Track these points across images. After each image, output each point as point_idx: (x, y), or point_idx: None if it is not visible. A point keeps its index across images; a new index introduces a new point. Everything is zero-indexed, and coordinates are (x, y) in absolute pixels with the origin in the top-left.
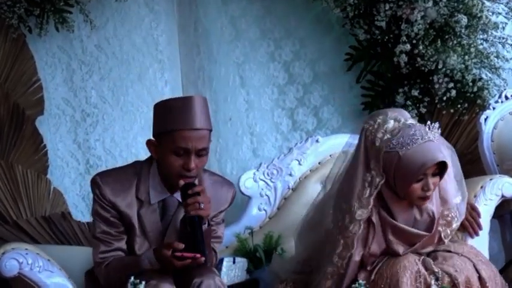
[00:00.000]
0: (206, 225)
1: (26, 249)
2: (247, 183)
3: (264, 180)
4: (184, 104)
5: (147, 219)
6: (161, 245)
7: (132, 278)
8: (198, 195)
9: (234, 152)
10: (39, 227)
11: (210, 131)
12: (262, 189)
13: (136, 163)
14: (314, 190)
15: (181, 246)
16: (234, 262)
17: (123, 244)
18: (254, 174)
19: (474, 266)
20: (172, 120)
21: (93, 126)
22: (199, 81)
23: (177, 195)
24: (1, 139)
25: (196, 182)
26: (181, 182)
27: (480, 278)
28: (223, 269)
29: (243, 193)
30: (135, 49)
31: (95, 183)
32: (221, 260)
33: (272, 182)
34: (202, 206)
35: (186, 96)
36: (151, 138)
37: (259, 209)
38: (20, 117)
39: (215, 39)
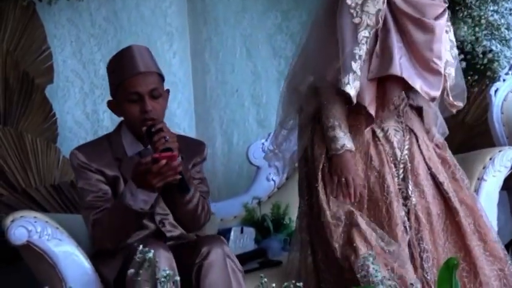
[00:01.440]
0: (180, 160)
1: (35, 217)
2: (256, 153)
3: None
4: (124, 55)
5: (129, 172)
6: (134, 164)
7: (141, 246)
8: (162, 131)
9: (241, 123)
10: (48, 195)
11: (160, 76)
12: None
13: (106, 134)
14: None
15: (150, 155)
16: (242, 232)
17: (111, 204)
18: (263, 144)
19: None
20: (118, 73)
21: (101, 98)
22: (206, 52)
23: None
24: (11, 107)
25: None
26: (144, 128)
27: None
28: (231, 238)
29: (251, 163)
30: (143, 21)
31: (72, 155)
32: (229, 230)
33: (280, 151)
34: (167, 138)
35: (125, 47)
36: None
37: (268, 179)
38: (29, 85)
39: (222, 11)
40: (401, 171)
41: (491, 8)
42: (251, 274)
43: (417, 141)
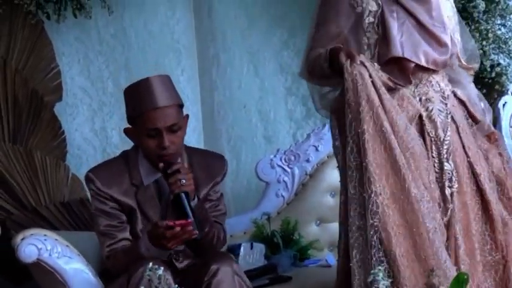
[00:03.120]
0: (196, 200)
1: (45, 235)
2: (265, 169)
3: (281, 166)
4: (143, 87)
5: (145, 202)
6: (149, 225)
7: (150, 264)
8: (178, 172)
9: (249, 139)
10: (57, 213)
11: (179, 105)
12: (280, 175)
13: (124, 152)
14: (331, 176)
15: (165, 222)
16: (251, 247)
17: (127, 234)
18: (271, 160)
19: None
20: (137, 105)
21: (109, 115)
22: (213, 68)
23: None
24: (20, 125)
25: (179, 160)
26: (161, 165)
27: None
28: (241, 254)
29: (260, 179)
30: (151, 38)
31: (88, 179)
32: (239, 246)
33: (289, 168)
34: (183, 182)
35: (143, 79)
36: (128, 126)
37: (277, 195)
38: (38, 103)
39: (229, 28)
40: (444, 151)
41: (499, 22)
42: None
43: (457, 128)
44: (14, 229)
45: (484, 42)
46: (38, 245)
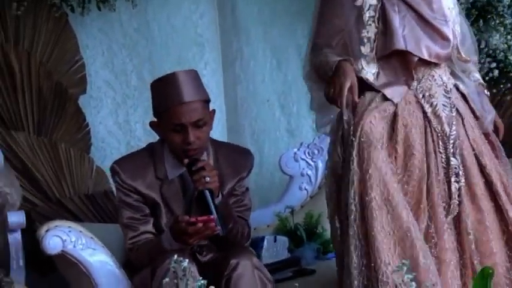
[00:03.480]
0: (220, 197)
1: (69, 226)
2: (288, 162)
3: (305, 160)
4: (169, 81)
5: (170, 196)
6: (171, 225)
7: (175, 255)
8: (203, 169)
9: (272, 133)
10: (82, 205)
11: (205, 101)
12: (303, 168)
13: (150, 145)
14: None
15: (187, 217)
16: (275, 241)
17: (150, 227)
18: (295, 153)
19: None
20: (163, 99)
21: (133, 108)
22: (237, 63)
23: None
24: (44, 117)
25: (205, 155)
26: (186, 161)
27: None
28: (265, 247)
29: (284, 172)
30: (174, 32)
31: (114, 171)
32: (262, 239)
33: (313, 161)
34: (208, 179)
35: (170, 73)
36: (154, 119)
37: (300, 188)
38: (63, 95)
39: (252, 22)
40: (451, 146)
41: None
42: (284, 283)
43: (462, 121)
44: (39, 221)
45: (509, 37)
46: (63, 237)
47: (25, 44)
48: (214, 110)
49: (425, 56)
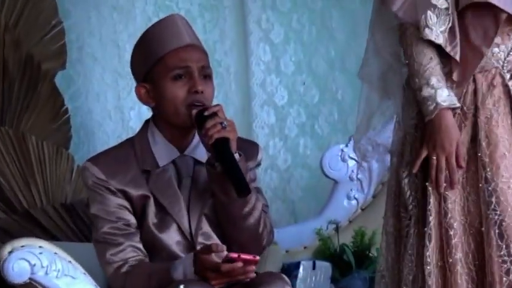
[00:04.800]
0: (238, 156)
1: (41, 247)
2: (333, 163)
3: (355, 159)
4: (165, 24)
5: (161, 190)
6: (199, 251)
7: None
8: (217, 116)
9: (308, 124)
10: (58, 218)
11: (206, 54)
12: (353, 171)
13: (129, 138)
14: None
15: (223, 247)
16: (314, 267)
17: (136, 241)
18: (342, 151)
19: None
20: (158, 46)
21: (126, 90)
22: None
23: (191, 152)
24: (9, 100)
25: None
26: (195, 111)
27: None
28: (300, 275)
29: (326, 176)
30: None
31: (85, 169)
32: (297, 264)
33: (366, 161)
34: (225, 124)
35: (164, 17)
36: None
37: (349, 198)
38: (34, 71)
39: None
40: None
41: None
42: None
43: None
44: (1, 239)
45: None
46: (32, 261)
47: None
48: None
49: None
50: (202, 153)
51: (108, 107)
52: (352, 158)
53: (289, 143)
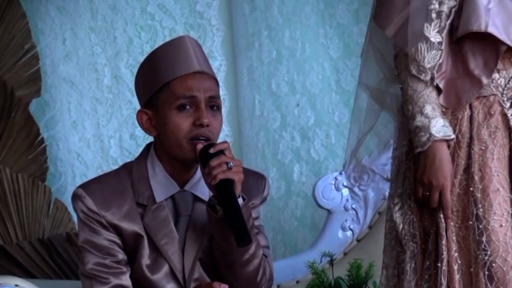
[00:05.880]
0: (241, 200)
1: (17, 285)
2: (326, 192)
3: (349, 188)
4: (173, 47)
5: (155, 228)
6: (201, 284)
7: None
8: (223, 154)
9: (303, 149)
10: (34, 254)
11: (216, 82)
12: (348, 200)
13: (127, 163)
14: None
15: (226, 286)
16: None
17: (124, 280)
18: (336, 179)
19: None
20: (164, 70)
21: (106, 117)
22: (253, 52)
23: (191, 188)
24: None
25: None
26: (199, 146)
27: None
28: None
29: (320, 205)
30: (163, 11)
31: (76, 197)
32: None
33: (361, 190)
34: (231, 165)
35: (174, 39)
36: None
37: (344, 228)
38: (7, 99)
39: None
40: None
41: None
42: None
43: None
44: None
45: None
46: None
47: None
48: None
49: None
50: (203, 190)
51: (87, 135)
52: (346, 187)
53: (282, 169)
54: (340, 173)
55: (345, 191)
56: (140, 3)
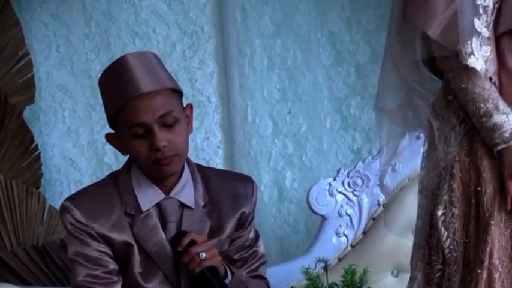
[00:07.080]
0: (230, 277)
1: None
2: (320, 197)
3: (344, 194)
4: (116, 70)
5: (145, 235)
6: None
7: None
8: (193, 244)
9: (295, 156)
10: (29, 261)
11: (173, 90)
12: (342, 205)
13: (113, 173)
14: (414, 206)
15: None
16: None
17: None
18: (330, 185)
19: None
20: (112, 98)
21: (100, 124)
22: (245, 59)
23: (176, 195)
24: None
25: (190, 186)
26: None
27: None
28: None
29: (314, 211)
30: (156, 17)
31: (64, 211)
32: None
33: (355, 195)
34: (203, 256)
35: (116, 61)
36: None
37: (338, 234)
38: (1, 106)
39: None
40: None
41: None
42: None
43: None
44: None
45: None
46: None
47: None
48: (191, 105)
49: None
50: (189, 196)
51: (81, 141)
52: (340, 192)
53: (275, 176)
54: (334, 179)
55: (339, 197)
56: (134, 10)
